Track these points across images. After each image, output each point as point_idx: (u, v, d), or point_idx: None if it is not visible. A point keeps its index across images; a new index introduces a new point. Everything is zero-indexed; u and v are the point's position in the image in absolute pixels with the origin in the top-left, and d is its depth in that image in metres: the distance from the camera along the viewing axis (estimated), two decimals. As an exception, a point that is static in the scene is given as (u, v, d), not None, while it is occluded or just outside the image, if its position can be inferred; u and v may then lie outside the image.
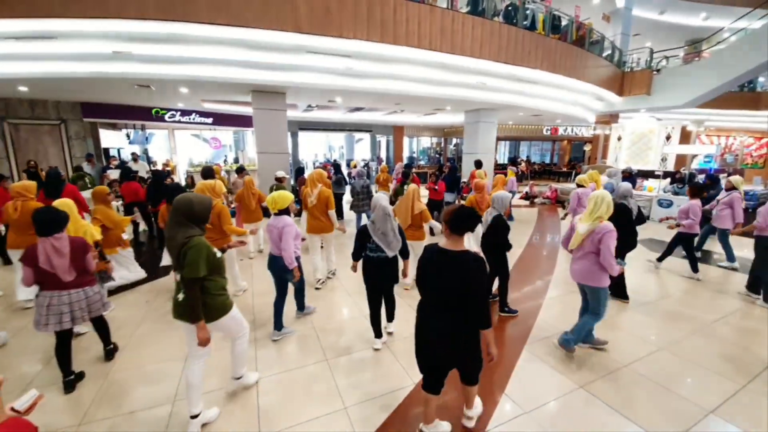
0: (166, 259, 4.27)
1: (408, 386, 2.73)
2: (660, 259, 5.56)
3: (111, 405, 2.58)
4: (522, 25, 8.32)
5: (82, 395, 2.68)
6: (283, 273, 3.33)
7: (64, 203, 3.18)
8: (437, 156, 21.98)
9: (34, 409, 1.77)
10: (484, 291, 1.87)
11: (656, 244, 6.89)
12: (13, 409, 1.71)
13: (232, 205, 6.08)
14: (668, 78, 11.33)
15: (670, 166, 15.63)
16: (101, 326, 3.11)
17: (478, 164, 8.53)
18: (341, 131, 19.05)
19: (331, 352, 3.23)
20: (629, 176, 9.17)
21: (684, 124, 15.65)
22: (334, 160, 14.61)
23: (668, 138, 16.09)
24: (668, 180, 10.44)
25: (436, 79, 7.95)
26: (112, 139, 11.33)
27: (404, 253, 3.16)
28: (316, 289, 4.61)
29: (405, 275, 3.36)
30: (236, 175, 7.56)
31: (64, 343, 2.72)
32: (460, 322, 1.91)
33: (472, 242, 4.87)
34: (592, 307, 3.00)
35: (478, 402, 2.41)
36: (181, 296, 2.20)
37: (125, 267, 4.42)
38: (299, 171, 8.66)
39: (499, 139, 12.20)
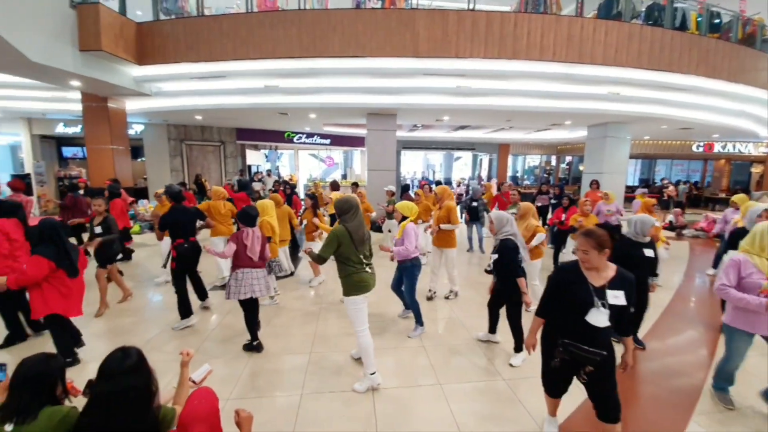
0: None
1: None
2: None
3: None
4: (669, 26, 7.10)
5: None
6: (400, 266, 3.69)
7: (263, 205, 4.08)
8: (545, 176, 19.92)
9: (206, 380, 2.10)
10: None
11: None
12: (190, 380, 2.05)
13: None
14: None
15: None
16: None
17: (592, 184, 7.90)
18: (443, 149, 19.03)
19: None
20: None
21: None
22: (437, 180, 14.69)
23: None
24: None
25: (557, 92, 7.32)
26: (254, 157, 13.79)
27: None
28: (428, 299, 4.53)
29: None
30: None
31: (250, 309, 3.22)
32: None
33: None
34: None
35: None
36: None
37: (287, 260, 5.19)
38: (405, 188, 8.94)
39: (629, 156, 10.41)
